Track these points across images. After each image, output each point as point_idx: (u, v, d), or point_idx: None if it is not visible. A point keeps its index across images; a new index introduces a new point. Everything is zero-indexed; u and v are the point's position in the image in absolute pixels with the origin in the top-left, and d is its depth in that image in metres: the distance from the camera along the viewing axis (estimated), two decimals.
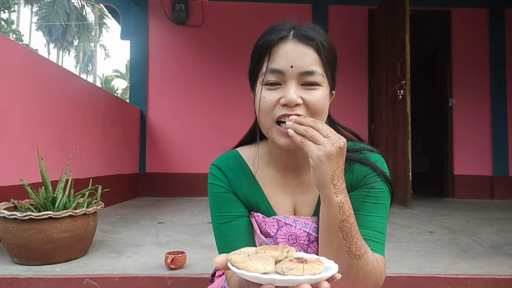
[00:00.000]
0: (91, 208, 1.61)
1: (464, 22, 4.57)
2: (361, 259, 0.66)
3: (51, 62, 2.55)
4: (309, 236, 0.77)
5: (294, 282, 0.48)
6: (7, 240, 1.48)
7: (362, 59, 4.54)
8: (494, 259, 1.66)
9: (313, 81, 0.70)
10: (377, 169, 0.76)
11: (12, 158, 2.01)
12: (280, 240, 0.77)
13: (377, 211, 0.74)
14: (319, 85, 0.71)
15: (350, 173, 0.77)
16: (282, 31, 0.73)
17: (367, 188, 0.75)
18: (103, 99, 3.37)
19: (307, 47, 0.70)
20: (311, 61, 0.70)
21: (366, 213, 0.74)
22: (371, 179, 0.75)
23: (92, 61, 33.61)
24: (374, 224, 0.73)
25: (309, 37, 0.71)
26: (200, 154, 4.33)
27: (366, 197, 0.74)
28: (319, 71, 0.71)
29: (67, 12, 28.39)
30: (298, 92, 0.70)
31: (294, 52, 0.70)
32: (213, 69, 4.46)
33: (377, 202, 0.74)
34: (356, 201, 0.74)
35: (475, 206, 3.75)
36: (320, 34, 0.73)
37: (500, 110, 4.48)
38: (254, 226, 0.81)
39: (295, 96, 0.69)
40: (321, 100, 0.71)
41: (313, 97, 0.70)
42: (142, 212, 3.08)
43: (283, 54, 0.71)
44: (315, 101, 0.70)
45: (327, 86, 0.74)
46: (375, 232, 0.73)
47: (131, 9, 4.48)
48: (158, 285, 1.38)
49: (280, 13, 4.42)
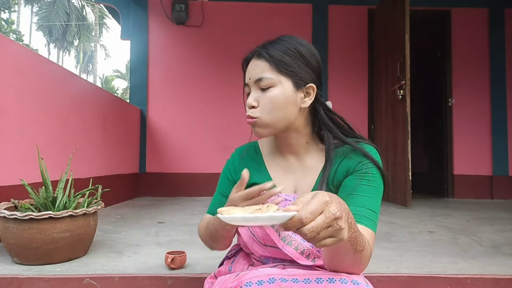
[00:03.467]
0: (92, 208, 1.61)
1: (464, 22, 4.57)
2: (363, 251, 0.72)
3: (51, 62, 2.55)
4: None
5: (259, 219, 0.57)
6: (7, 240, 1.49)
7: (362, 59, 4.55)
8: (494, 259, 1.66)
9: (265, 84, 0.89)
10: (370, 157, 0.88)
11: (12, 158, 2.01)
12: None
13: (370, 192, 0.85)
14: (271, 87, 0.89)
15: (348, 159, 0.90)
16: (248, 55, 0.95)
17: (362, 173, 0.87)
18: (104, 99, 3.37)
19: (258, 60, 0.90)
20: (261, 69, 0.89)
21: (360, 194, 0.85)
22: (365, 165, 0.88)
23: (92, 61, 33.62)
24: (367, 203, 0.83)
25: (259, 53, 0.91)
26: (200, 154, 4.33)
27: (361, 180, 0.86)
28: (268, 75, 0.88)
29: (67, 12, 28.40)
30: (255, 96, 0.90)
31: (250, 67, 0.92)
32: (213, 69, 4.46)
33: (370, 185, 0.86)
34: (351, 184, 0.87)
35: (475, 206, 3.75)
36: (277, 45, 0.90)
37: (500, 110, 4.48)
38: None
39: (251, 100, 0.90)
40: (271, 99, 0.88)
41: (265, 98, 0.89)
42: (142, 212, 3.08)
43: (247, 71, 0.93)
44: (267, 101, 0.89)
45: (287, 84, 0.89)
46: (368, 210, 0.83)
47: (131, 9, 4.48)
48: (158, 285, 1.38)
49: (280, 13, 4.45)
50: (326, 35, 4.49)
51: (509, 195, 4.37)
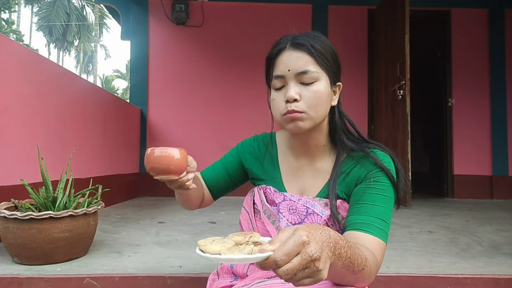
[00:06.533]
0: (92, 208, 1.61)
1: (464, 22, 4.57)
2: (364, 269, 0.69)
3: (51, 62, 2.55)
4: (307, 209, 0.89)
5: (232, 259, 0.57)
6: (8, 240, 1.49)
7: (361, 59, 4.55)
8: (493, 259, 1.66)
9: (309, 78, 0.84)
10: (381, 165, 0.85)
11: (12, 158, 2.01)
12: (282, 208, 0.92)
13: (380, 201, 0.82)
14: (315, 81, 0.85)
15: (360, 166, 0.88)
16: (281, 44, 0.89)
17: (372, 181, 0.85)
18: (104, 99, 3.37)
19: (300, 51, 0.86)
20: (304, 62, 0.85)
21: (369, 203, 0.82)
22: (375, 173, 0.85)
23: (93, 61, 33.61)
24: (376, 213, 0.81)
25: (301, 43, 0.86)
26: (200, 153, 4.28)
27: (371, 189, 0.84)
28: (313, 69, 0.85)
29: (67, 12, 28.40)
30: (297, 90, 0.85)
31: (290, 58, 0.86)
32: (213, 69, 4.46)
33: (381, 194, 0.83)
34: (360, 192, 0.85)
35: (475, 206, 3.75)
36: (314, 39, 0.87)
37: (500, 110, 4.49)
38: (260, 197, 0.97)
39: (293, 93, 0.84)
40: (317, 93, 0.85)
41: (309, 92, 0.85)
42: (143, 211, 3.08)
43: (282, 62, 0.87)
44: (311, 95, 0.85)
45: (326, 79, 0.87)
46: (377, 219, 0.80)
47: (131, 9, 4.48)
48: (158, 285, 1.38)
49: (280, 13, 4.45)
50: (326, 35, 4.46)
51: (509, 195, 4.37)
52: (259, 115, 4.26)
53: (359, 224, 0.80)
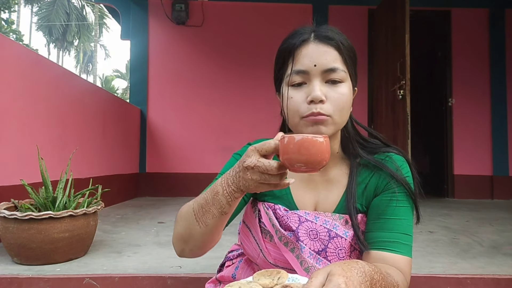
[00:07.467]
0: (91, 208, 1.61)
1: (464, 22, 4.57)
2: None
3: (51, 62, 2.55)
4: (329, 232, 0.78)
5: None
6: (7, 240, 1.49)
7: (362, 59, 4.54)
8: (494, 259, 1.66)
9: (336, 77, 0.74)
10: (396, 176, 0.78)
11: (12, 158, 2.01)
12: (301, 234, 0.78)
13: (401, 213, 0.77)
14: (342, 82, 0.75)
15: (378, 175, 0.81)
16: (304, 35, 0.77)
17: (391, 192, 0.78)
18: (103, 99, 3.37)
19: (328, 46, 0.75)
20: (333, 58, 0.74)
21: (390, 217, 0.77)
22: (394, 183, 0.79)
23: (92, 61, 33.61)
24: (399, 227, 0.76)
25: (329, 37, 0.75)
26: (200, 154, 4.33)
27: (390, 201, 0.78)
28: (341, 67, 0.75)
29: (67, 12, 28.40)
30: (322, 89, 0.74)
31: (317, 52, 0.74)
32: (213, 69, 4.46)
33: (402, 206, 0.77)
34: (381, 205, 0.78)
35: (475, 206, 3.75)
36: (339, 34, 0.77)
37: (500, 110, 4.48)
38: (271, 220, 0.81)
39: (320, 93, 0.73)
40: (344, 96, 0.75)
41: (336, 93, 0.74)
42: (142, 212, 3.08)
43: (306, 55, 0.75)
44: (338, 97, 0.74)
45: (349, 82, 0.78)
46: (401, 234, 0.75)
47: (131, 9, 4.48)
48: (158, 285, 1.38)
49: (280, 13, 4.44)
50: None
51: (509, 195, 4.37)
52: (259, 114, 4.26)
53: (385, 243, 0.75)
